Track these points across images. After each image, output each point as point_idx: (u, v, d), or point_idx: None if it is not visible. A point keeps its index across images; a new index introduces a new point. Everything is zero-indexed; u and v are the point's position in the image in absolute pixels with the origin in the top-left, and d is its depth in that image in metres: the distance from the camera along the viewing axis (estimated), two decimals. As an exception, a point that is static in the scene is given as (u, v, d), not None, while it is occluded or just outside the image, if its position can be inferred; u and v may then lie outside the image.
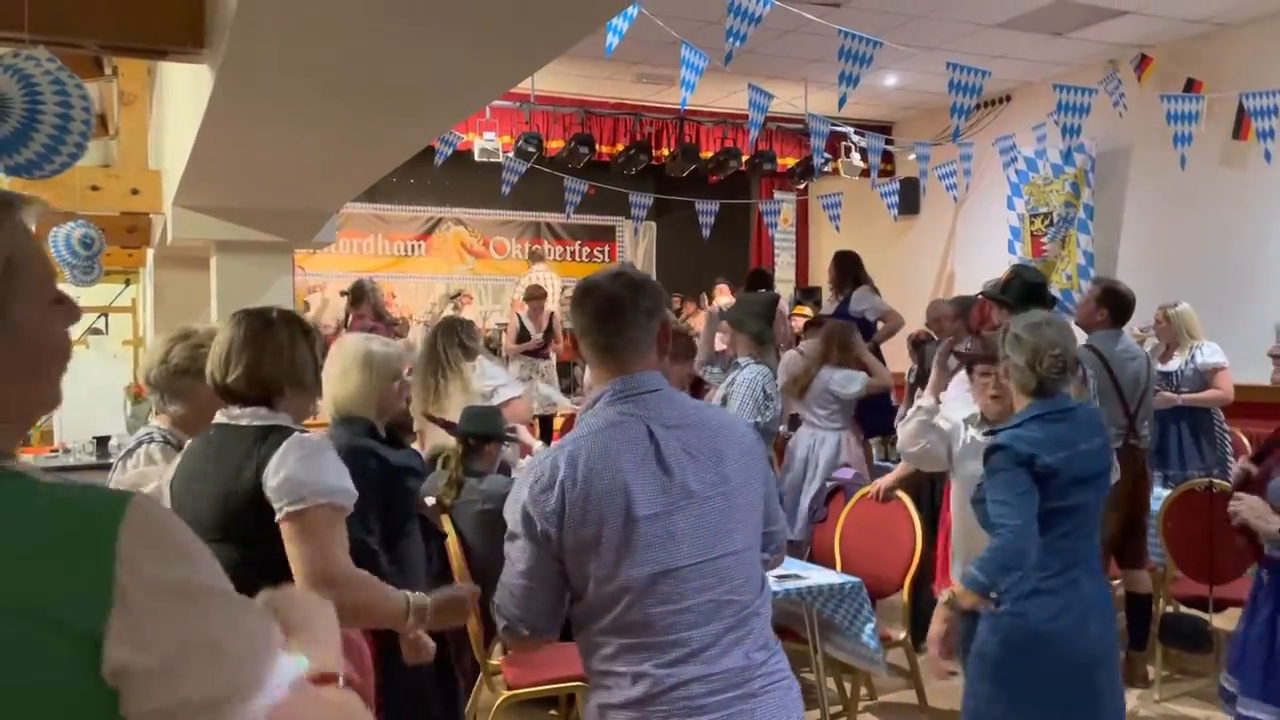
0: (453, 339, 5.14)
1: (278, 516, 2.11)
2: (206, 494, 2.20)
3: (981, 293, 4.49)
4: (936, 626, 2.75)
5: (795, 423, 5.65)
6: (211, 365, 2.28)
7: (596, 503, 1.89)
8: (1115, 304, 4.83)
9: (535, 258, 10.82)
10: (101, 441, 7.81)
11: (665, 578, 1.89)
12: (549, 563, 1.93)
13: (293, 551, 2.11)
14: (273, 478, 2.11)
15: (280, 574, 2.11)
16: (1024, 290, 4.13)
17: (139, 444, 2.70)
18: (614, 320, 2.01)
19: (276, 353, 2.23)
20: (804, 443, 5.39)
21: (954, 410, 3.60)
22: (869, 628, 3.84)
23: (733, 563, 1.94)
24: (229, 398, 2.26)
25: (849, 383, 5.35)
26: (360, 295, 7.33)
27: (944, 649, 2.73)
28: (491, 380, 5.12)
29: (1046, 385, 2.75)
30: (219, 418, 2.28)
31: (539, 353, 8.90)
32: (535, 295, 8.96)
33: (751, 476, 2.02)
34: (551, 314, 9.11)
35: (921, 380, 5.70)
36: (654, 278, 2.24)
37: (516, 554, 1.96)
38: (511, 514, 1.97)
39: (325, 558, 2.13)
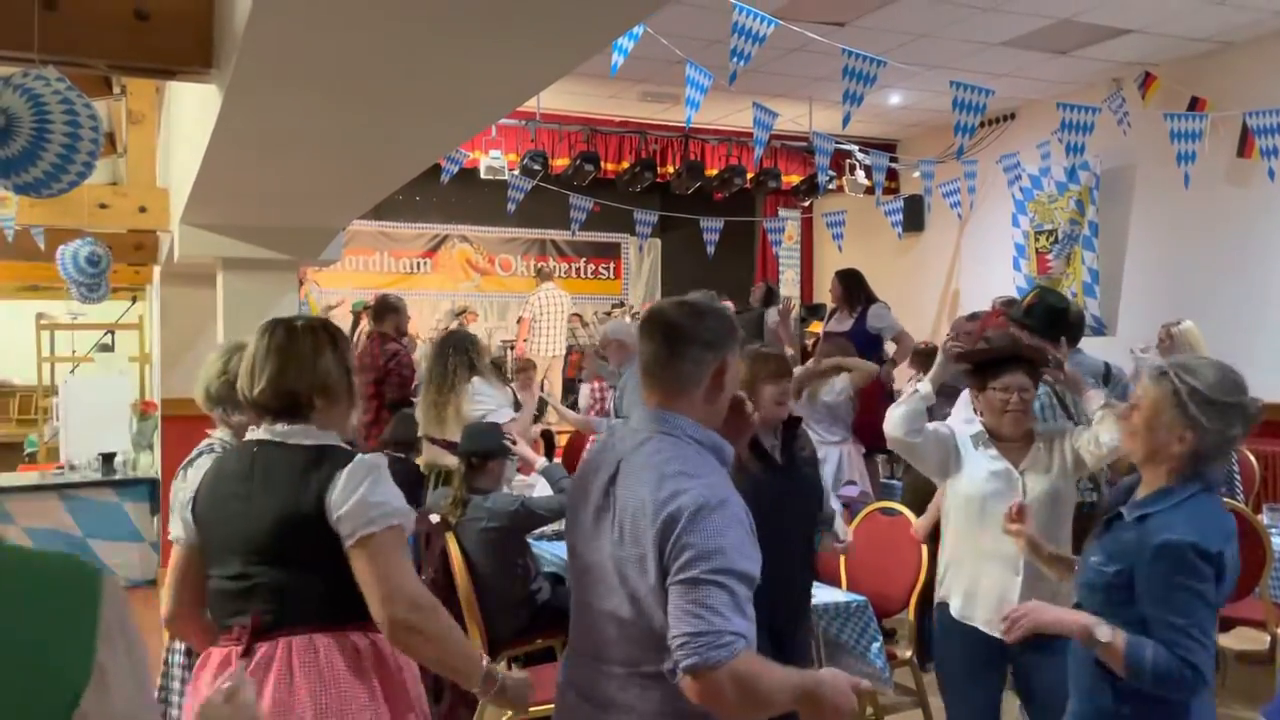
0: (463, 356, 5.13)
1: (349, 543, 2.06)
2: (254, 514, 2.13)
3: (1004, 313, 4.41)
4: (1066, 621, 2.27)
5: None
6: (240, 380, 2.24)
7: (569, 493, 2.15)
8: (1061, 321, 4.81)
9: (543, 275, 10.81)
10: (107, 458, 7.83)
11: (575, 601, 2.07)
12: None
13: (369, 575, 2.06)
14: (341, 503, 2.06)
15: (337, 597, 2.11)
16: (1049, 314, 4.03)
17: (199, 454, 2.73)
18: (665, 346, 1.97)
19: (301, 363, 2.18)
20: None
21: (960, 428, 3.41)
22: (875, 646, 3.82)
23: (604, 617, 1.93)
24: (260, 411, 2.21)
25: (832, 389, 5.37)
26: (384, 311, 6.93)
27: (1028, 626, 2.31)
28: (481, 404, 5.06)
29: (1213, 456, 2.23)
30: (259, 434, 2.22)
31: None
32: (524, 367, 8.31)
33: (636, 551, 1.85)
34: (543, 383, 8.59)
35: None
36: (726, 308, 2.11)
37: None
38: None
39: (406, 578, 2.10)
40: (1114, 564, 2.23)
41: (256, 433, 2.22)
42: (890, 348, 6.96)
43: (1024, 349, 3.33)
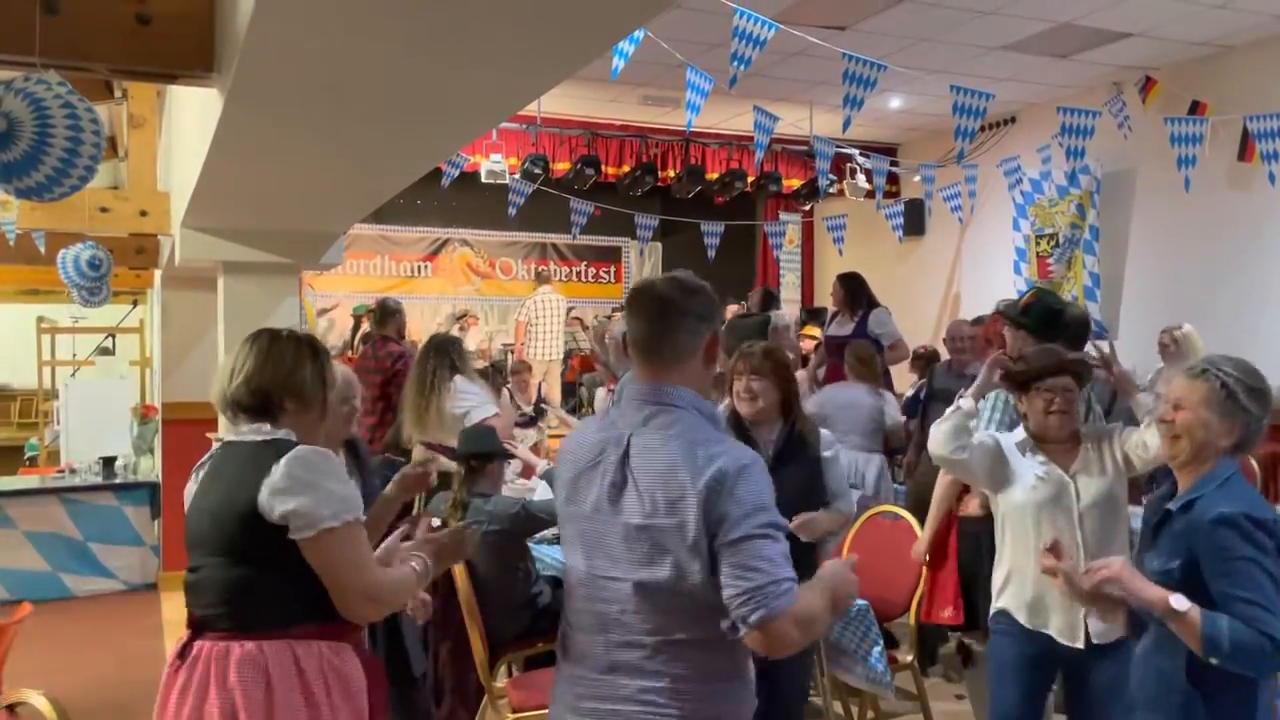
0: (444, 359, 5.11)
1: (299, 539, 2.10)
2: (207, 511, 2.19)
3: (1001, 313, 4.40)
4: (1148, 590, 2.23)
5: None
6: (218, 380, 2.30)
7: (561, 481, 2.09)
8: (1059, 324, 4.80)
9: (541, 279, 10.80)
10: (108, 461, 7.82)
11: (576, 576, 2.04)
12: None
13: (322, 572, 2.13)
14: (277, 502, 2.09)
15: (279, 596, 2.13)
16: (1045, 315, 4.01)
17: (210, 458, 2.75)
18: (660, 321, 2.01)
19: (277, 364, 2.25)
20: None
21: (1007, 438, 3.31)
22: (876, 650, 3.81)
23: (627, 591, 1.94)
24: (234, 410, 2.27)
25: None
26: (386, 315, 6.96)
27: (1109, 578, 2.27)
28: (464, 401, 5.03)
29: (1249, 446, 2.31)
30: (228, 435, 2.29)
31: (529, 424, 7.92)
32: (518, 370, 8.11)
33: (676, 520, 1.88)
34: (540, 386, 8.47)
35: (932, 398, 5.72)
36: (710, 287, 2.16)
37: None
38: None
39: (359, 577, 2.15)
40: (1174, 559, 2.22)
41: (225, 434, 2.30)
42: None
43: (1067, 362, 3.25)
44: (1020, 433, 3.23)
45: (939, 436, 3.21)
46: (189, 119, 4.50)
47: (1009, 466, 3.16)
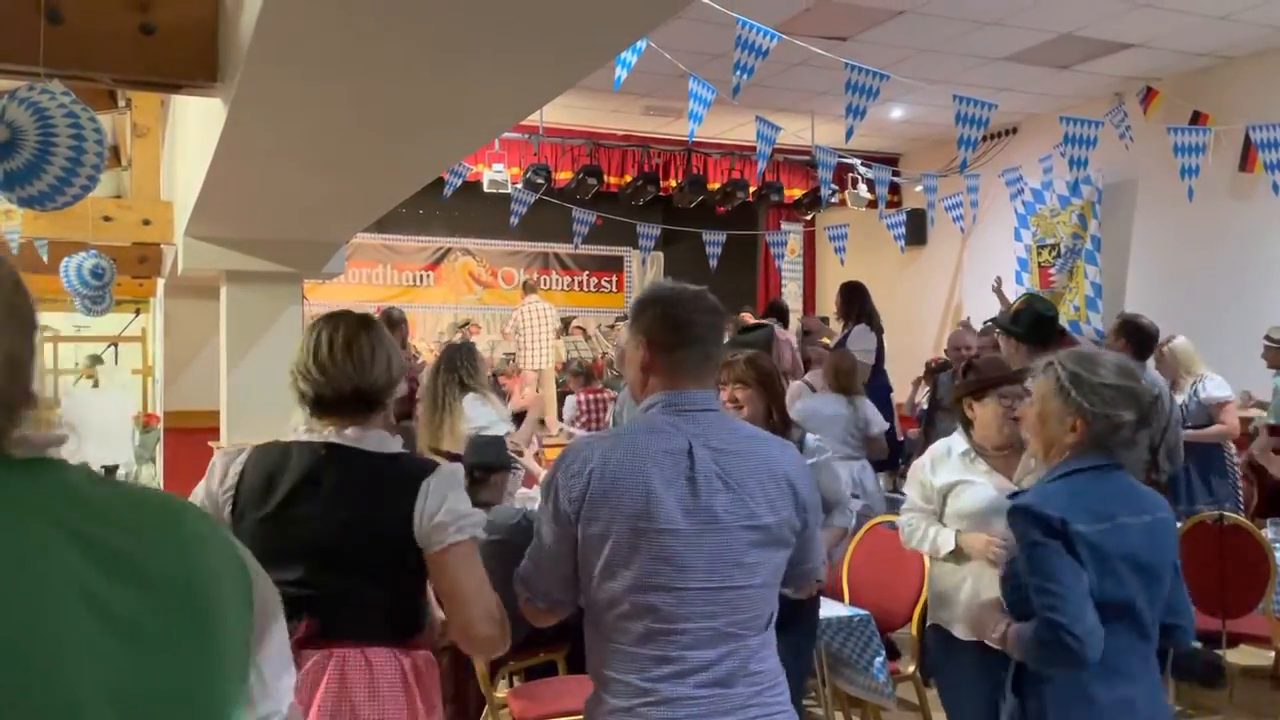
0: (452, 374, 5.08)
1: (434, 550, 2.02)
2: (328, 523, 2.03)
3: (991, 320, 4.40)
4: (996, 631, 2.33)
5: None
6: (308, 376, 2.10)
7: (614, 503, 1.90)
8: (1136, 336, 4.80)
9: (528, 289, 10.65)
10: (109, 470, 7.83)
11: (668, 595, 1.89)
12: (568, 540, 1.95)
13: (453, 583, 2.04)
14: (430, 514, 2.02)
15: (395, 612, 2.10)
16: (1035, 322, 3.98)
17: None
18: (689, 330, 2.03)
19: (379, 352, 2.11)
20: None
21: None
22: (878, 661, 3.80)
23: (741, 597, 1.92)
24: (329, 410, 2.09)
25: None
26: (392, 326, 6.97)
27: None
28: (475, 422, 4.99)
29: (1108, 444, 2.21)
30: (328, 436, 2.09)
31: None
32: (503, 372, 8.17)
33: (786, 514, 1.97)
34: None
35: (938, 407, 5.72)
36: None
37: (543, 523, 2.00)
38: (543, 485, 2.03)
39: (486, 586, 2.08)
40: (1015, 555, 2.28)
41: (323, 434, 2.10)
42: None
43: (1019, 372, 3.23)
44: (960, 443, 3.18)
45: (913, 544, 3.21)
46: (192, 128, 4.51)
47: (954, 486, 3.12)
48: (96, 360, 11.97)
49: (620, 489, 1.90)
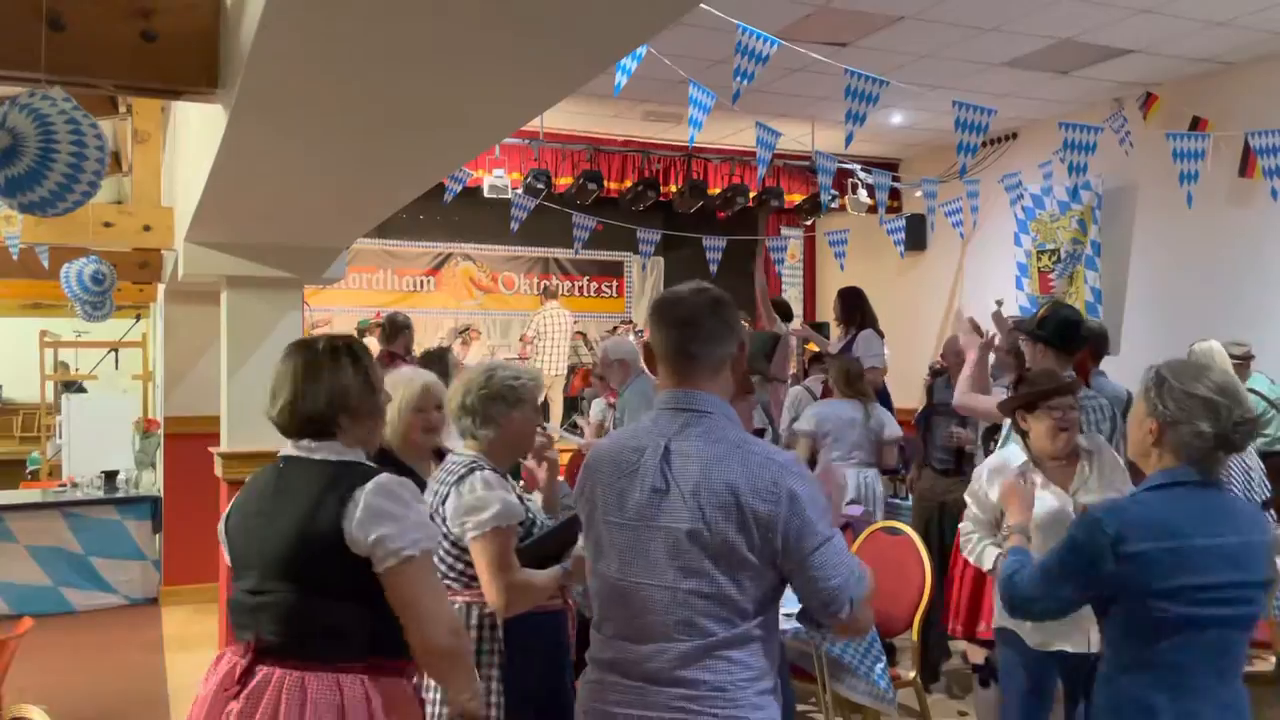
0: None
1: (380, 568, 2.05)
2: (273, 531, 2.12)
3: (1017, 327, 4.40)
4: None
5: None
6: (268, 402, 2.23)
7: (588, 492, 2.09)
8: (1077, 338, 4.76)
9: (548, 294, 10.75)
10: (109, 475, 7.82)
11: (603, 582, 2.05)
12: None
13: (404, 602, 2.08)
14: (363, 528, 2.04)
15: (347, 628, 2.08)
16: (1062, 327, 3.96)
17: (470, 469, 2.75)
18: (693, 328, 2.03)
19: (318, 385, 2.17)
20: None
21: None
22: (879, 667, 3.80)
23: (666, 598, 1.95)
24: (284, 433, 2.22)
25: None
26: (396, 331, 6.97)
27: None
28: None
29: (1195, 456, 2.18)
30: (288, 450, 2.22)
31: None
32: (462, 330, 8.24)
33: (722, 526, 1.91)
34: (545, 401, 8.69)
35: (933, 412, 5.71)
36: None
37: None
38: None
39: (442, 602, 2.12)
40: None
41: (285, 449, 2.23)
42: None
43: (1070, 383, 3.27)
44: (1018, 454, 3.24)
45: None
46: (193, 134, 4.52)
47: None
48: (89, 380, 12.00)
49: (592, 479, 2.09)
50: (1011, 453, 3.31)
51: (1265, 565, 2.18)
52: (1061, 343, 3.90)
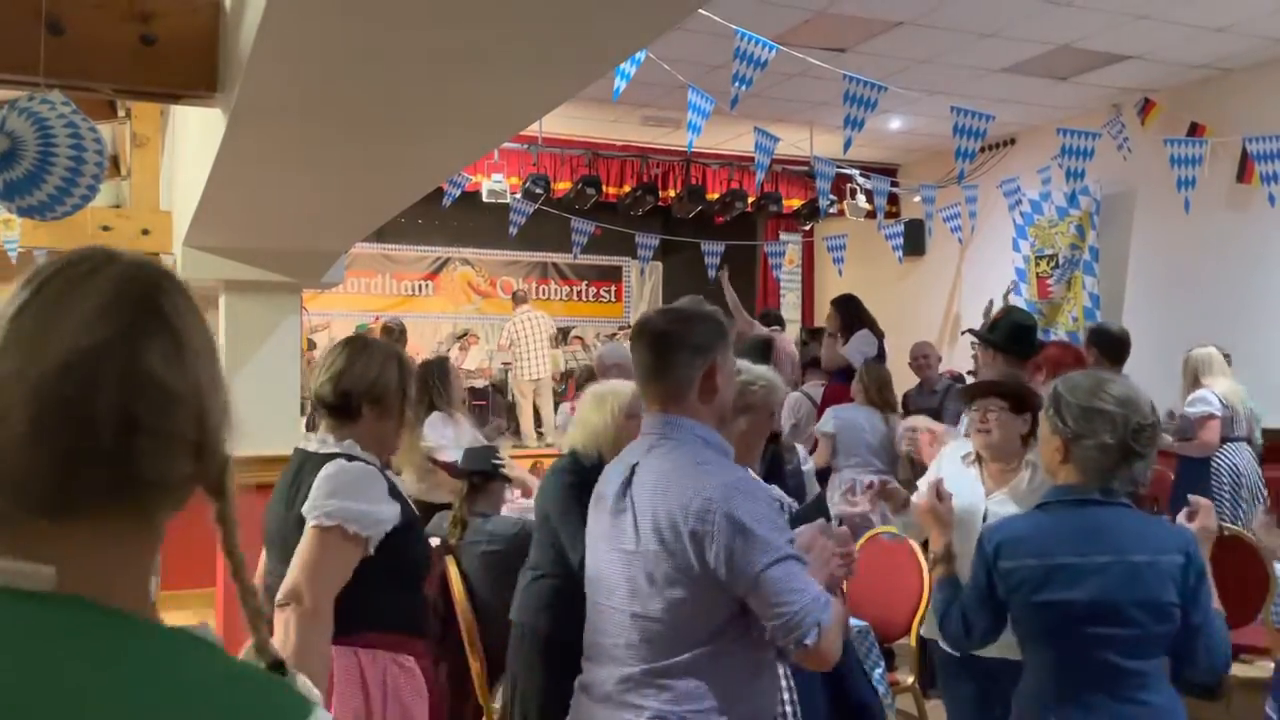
0: (423, 394, 5.00)
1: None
2: (274, 515, 2.34)
3: (972, 331, 4.40)
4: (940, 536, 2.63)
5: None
6: (312, 379, 2.42)
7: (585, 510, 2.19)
8: (1105, 343, 4.76)
9: (518, 299, 10.57)
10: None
11: (591, 604, 2.09)
12: None
13: (295, 554, 2.18)
14: (310, 497, 2.20)
15: (357, 598, 2.17)
16: (1012, 331, 3.90)
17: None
18: (659, 357, 2.04)
19: (365, 368, 2.33)
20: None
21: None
22: (878, 672, 3.80)
23: (621, 619, 1.97)
24: (317, 407, 2.38)
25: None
26: (393, 338, 7.10)
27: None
28: (427, 447, 4.93)
29: (1099, 471, 2.18)
30: (311, 445, 2.39)
31: None
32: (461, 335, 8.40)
33: (676, 549, 1.88)
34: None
35: (907, 414, 5.73)
36: (717, 314, 2.17)
37: None
38: None
39: (313, 577, 2.15)
40: None
41: (305, 443, 2.40)
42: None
43: (995, 385, 3.21)
44: (967, 445, 3.21)
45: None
46: (192, 138, 4.52)
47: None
48: None
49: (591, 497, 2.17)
50: (965, 443, 3.28)
51: (1157, 587, 2.12)
52: (1012, 347, 3.87)
